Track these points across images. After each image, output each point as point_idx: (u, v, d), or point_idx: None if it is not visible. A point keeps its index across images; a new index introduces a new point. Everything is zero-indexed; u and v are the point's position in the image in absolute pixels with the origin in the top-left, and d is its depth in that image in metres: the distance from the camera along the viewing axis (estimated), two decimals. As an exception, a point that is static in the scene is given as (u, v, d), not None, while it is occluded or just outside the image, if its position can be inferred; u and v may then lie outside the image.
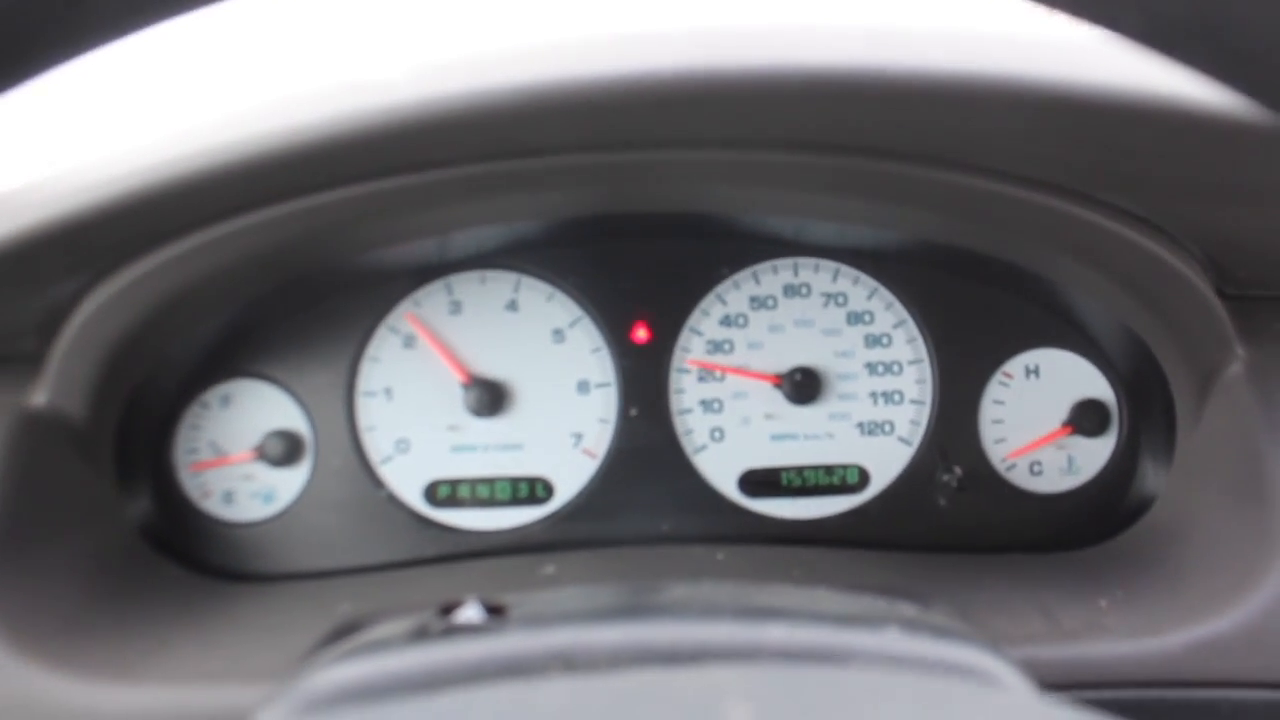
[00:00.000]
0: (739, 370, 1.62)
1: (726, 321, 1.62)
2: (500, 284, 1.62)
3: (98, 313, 1.32)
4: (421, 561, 1.59)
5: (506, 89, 1.08)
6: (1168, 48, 0.59)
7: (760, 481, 1.63)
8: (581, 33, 1.14)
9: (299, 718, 0.81)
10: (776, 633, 0.80)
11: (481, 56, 1.12)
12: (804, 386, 1.60)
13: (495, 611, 0.92)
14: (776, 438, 1.63)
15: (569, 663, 0.77)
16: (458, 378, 1.61)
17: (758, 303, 1.63)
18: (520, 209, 1.43)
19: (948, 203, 1.31)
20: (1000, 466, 1.61)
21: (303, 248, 1.37)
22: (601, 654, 0.78)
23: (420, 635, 0.88)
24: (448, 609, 0.93)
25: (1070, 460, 1.62)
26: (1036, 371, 1.61)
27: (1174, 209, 1.27)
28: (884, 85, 1.07)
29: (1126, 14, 0.57)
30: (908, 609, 0.93)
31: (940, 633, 0.85)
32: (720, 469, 1.63)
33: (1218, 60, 0.59)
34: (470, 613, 0.91)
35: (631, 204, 1.47)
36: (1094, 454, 1.62)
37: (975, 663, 0.81)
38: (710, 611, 0.84)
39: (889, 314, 1.62)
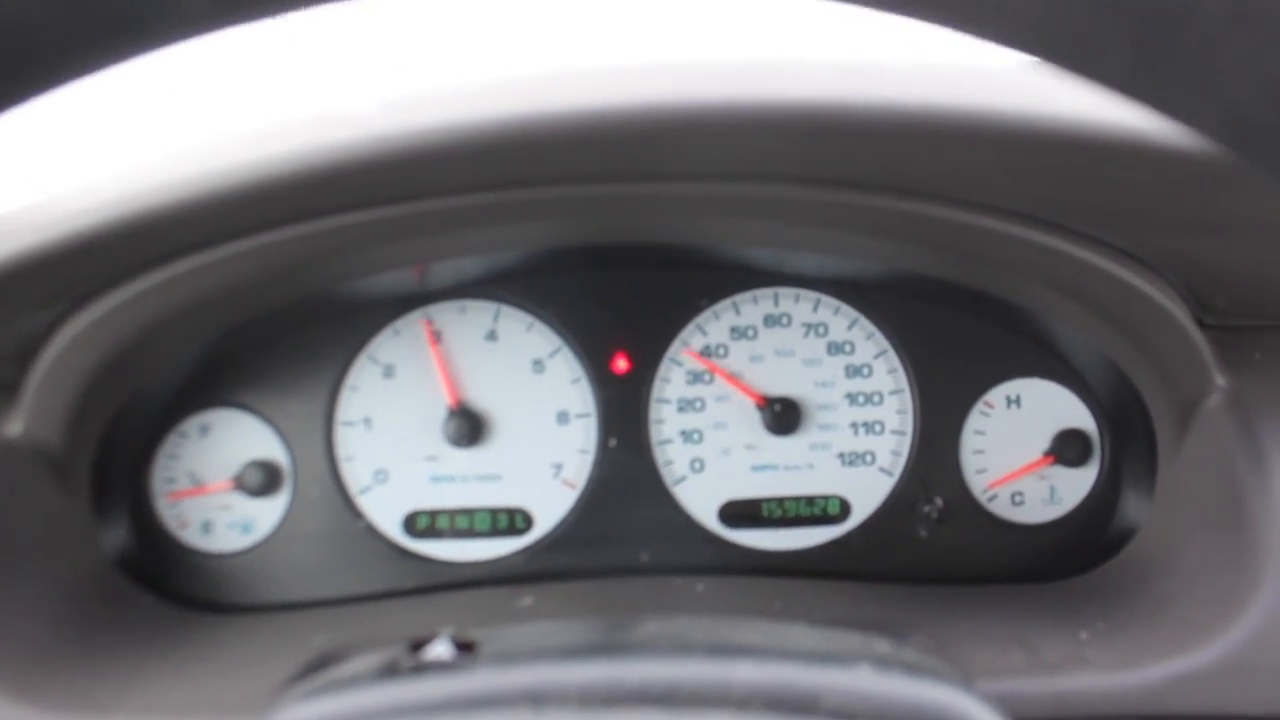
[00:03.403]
0: (731, 378, 1.62)
1: (707, 352, 1.62)
2: (480, 314, 1.62)
3: (74, 342, 1.31)
4: (400, 593, 1.58)
5: (483, 122, 1.08)
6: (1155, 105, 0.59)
7: (741, 512, 1.62)
8: (558, 66, 1.14)
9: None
10: (747, 671, 0.79)
11: (458, 89, 1.11)
12: (784, 417, 1.59)
13: (465, 648, 0.91)
14: (757, 468, 1.62)
15: (537, 701, 0.76)
16: (447, 401, 1.60)
17: (738, 333, 1.62)
18: (499, 241, 1.43)
19: (927, 235, 1.31)
20: (982, 497, 1.61)
21: (280, 279, 1.36)
22: (570, 693, 0.77)
23: (389, 672, 0.87)
24: (418, 645, 0.92)
25: (1052, 490, 1.61)
26: (1018, 401, 1.61)
27: (1151, 241, 1.27)
28: (861, 119, 1.07)
29: (1115, 69, 0.57)
30: (882, 645, 0.93)
31: (913, 670, 0.84)
32: (700, 500, 1.62)
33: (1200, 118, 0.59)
34: (440, 649, 0.91)
35: (611, 235, 1.47)
36: (1075, 484, 1.61)
37: (947, 702, 0.80)
38: (681, 649, 0.84)
39: (870, 344, 1.62)
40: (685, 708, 0.75)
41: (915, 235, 1.32)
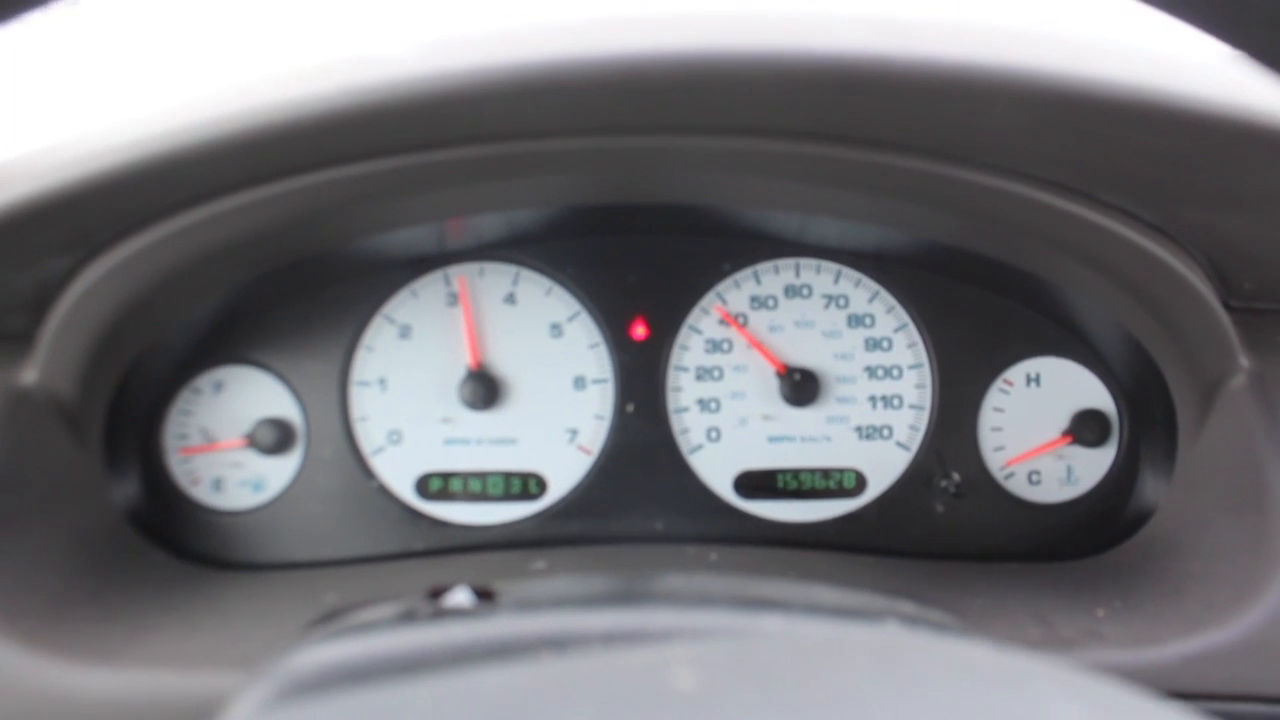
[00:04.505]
0: (755, 342, 1.61)
1: (726, 320, 1.61)
2: (499, 276, 1.61)
3: (90, 291, 1.30)
4: (411, 554, 1.58)
5: (510, 67, 1.07)
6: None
7: (756, 483, 1.62)
8: (588, 13, 1.13)
9: (282, 699, 0.79)
10: (773, 624, 0.78)
11: (486, 34, 1.10)
12: (803, 388, 1.59)
13: (485, 596, 0.90)
14: (773, 439, 1.62)
15: (560, 646, 0.75)
16: (467, 362, 1.60)
17: (758, 302, 1.61)
18: (520, 196, 1.41)
19: (952, 198, 1.29)
20: (999, 474, 1.60)
21: (299, 229, 1.35)
22: (592, 640, 0.76)
23: (408, 618, 0.86)
24: (436, 593, 0.92)
25: (1069, 470, 1.60)
26: (1037, 380, 1.60)
27: (1181, 213, 1.26)
28: (889, 74, 1.06)
29: None
30: (907, 606, 0.92)
31: (941, 629, 0.83)
32: (716, 469, 1.61)
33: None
34: (459, 597, 0.90)
35: (634, 194, 1.46)
36: (1094, 464, 1.61)
37: (980, 658, 0.79)
38: (704, 601, 0.83)
39: (890, 318, 1.61)
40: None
41: (939, 198, 1.31)
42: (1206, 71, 1.12)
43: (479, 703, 0.55)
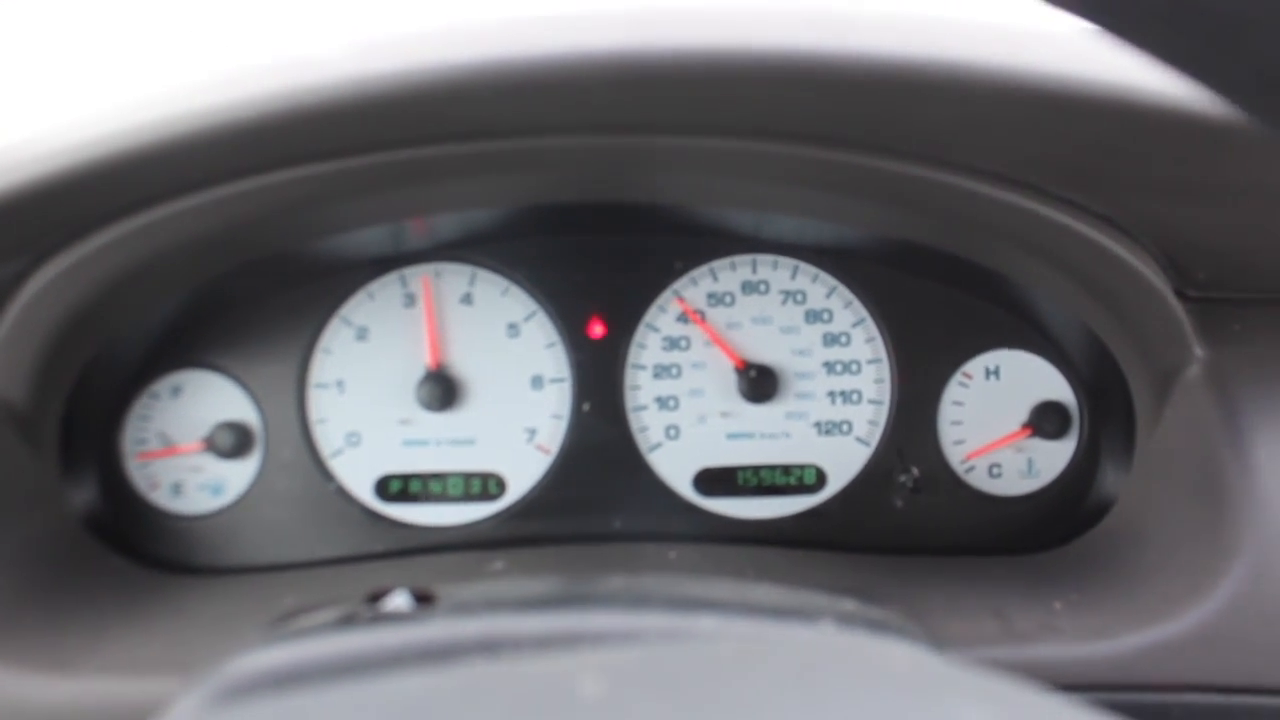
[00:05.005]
0: (715, 336, 1.60)
1: (684, 318, 1.61)
2: (455, 277, 1.60)
3: (41, 295, 1.29)
4: (371, 556, 1.57)
5: (454, 67, 1.06)
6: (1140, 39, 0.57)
7: (715, 480, 1.61)
8: (532, 11, 1.12)
9: (217, 704, 0.79)
10: (707, 624, 0.78)
11: (431, 33, 1.10)
12: (760, 384, 1.58)
13: (424, 600, 0.90)
14: (733, 436, 1.61)
15: (493, 650, 0.75)
16: (427, 363, 1.59)
17: (715, 299, 1.61)
18: (475, 195, 1.41)
19: (905, 195, 1.29)
20: (959, 468, 1.60)
21: (253, 231, 1.34)
22: (527, 643, 0.76)
23: (346, 622, 0.86)
24: (375, 597, 0.91)
25: (1030, 463, 1.60)
26: (997, 373, 1.60)
27: (1133, 206, 1.26)
28: (836, 69, 1.06)
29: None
30: (849, 604, 0.92)
31: (877, 628, 0.83)
32: (675, 467, 1.61)
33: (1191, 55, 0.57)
34: (398, 601, 0.90)
35: (589, 193, 1.45)
36: (1054, 457, 1.61)
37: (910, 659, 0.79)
38: (642, 602, 0.83)
39: (848, 312, 1.61)
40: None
41: (893, 196, 1.30)
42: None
43: (386, 707, 0.55)
